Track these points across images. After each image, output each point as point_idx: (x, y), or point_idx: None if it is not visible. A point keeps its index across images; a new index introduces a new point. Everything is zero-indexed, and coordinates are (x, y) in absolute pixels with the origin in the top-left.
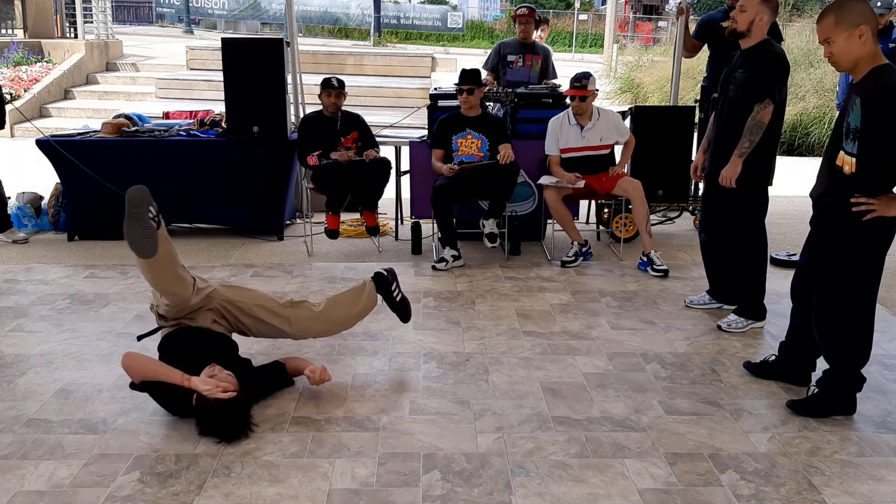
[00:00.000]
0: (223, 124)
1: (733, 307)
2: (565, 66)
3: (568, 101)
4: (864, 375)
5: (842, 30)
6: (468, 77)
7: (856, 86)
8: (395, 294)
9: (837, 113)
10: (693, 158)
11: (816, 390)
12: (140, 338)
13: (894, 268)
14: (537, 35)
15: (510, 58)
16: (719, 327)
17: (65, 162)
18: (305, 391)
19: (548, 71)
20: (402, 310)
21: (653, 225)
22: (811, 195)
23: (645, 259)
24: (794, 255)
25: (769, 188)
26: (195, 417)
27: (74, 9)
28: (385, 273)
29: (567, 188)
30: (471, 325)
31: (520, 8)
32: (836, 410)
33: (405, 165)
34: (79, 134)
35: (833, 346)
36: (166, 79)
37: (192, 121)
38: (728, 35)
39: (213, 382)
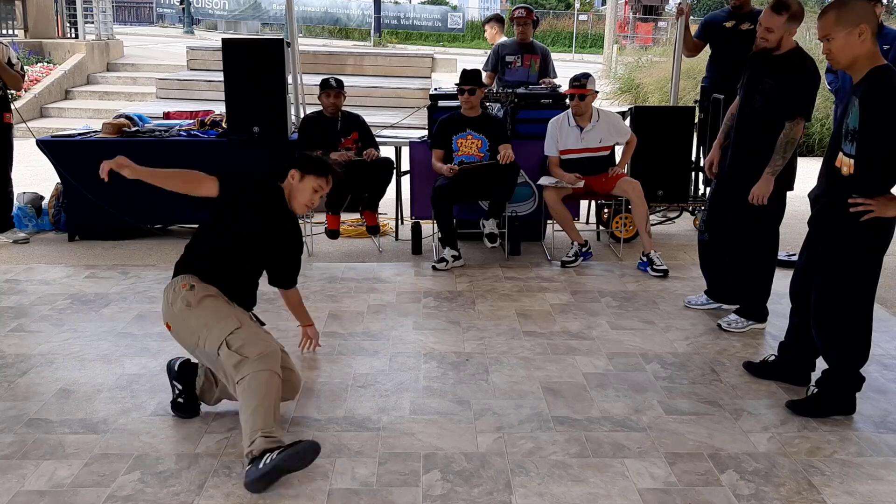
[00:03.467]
0: (223, 124)
1: (733, 307)
2: (565, 67)
3: (567, 101)
4: (863, 375)
5: (842, 27)
6: (469, 77)
7: (855, 87)
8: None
9: (834, 108)
10: (693, 158)
11: (815, 390)
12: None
13: (893, 268)
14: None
15: (508, 58)
16: (719, 326)
17: (65, 162)
18: (305, 391)
19: (547, 70)
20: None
21: (653, 225)
22: (809, 195)
23: (645, 259)
24: (794, 254)
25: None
26: None
27: (75, 9)
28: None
29: (567, 188)
30: (471, 325)
31: (517, 9)
32: (835, 410)
33: (405, 166)
34: (79, 134)
35: (833, 347)
36: (167, 79)
37: (192, 121)
38: (755, 53)
39: None
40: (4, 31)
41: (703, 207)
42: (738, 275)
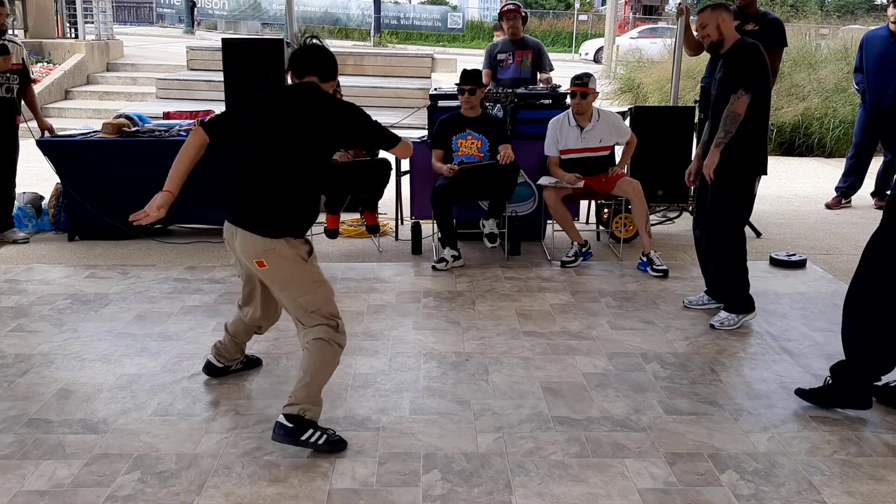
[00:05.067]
0: None
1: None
2: (565, 67)
3: (568, 100)
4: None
5: None
6: (469, 77)
7: None
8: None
9: (860, 108)
10: (693, 158)
11: (831, 380)
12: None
13: None
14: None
15: (500, 56)
16: (712, 326)
17: (65, 162)
18: None
19: (542, 64)
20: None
21: (652, 225)
22: None
23: (644, 259)
24: (794, 254)
25: (763, 177)
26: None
27: (75, 9)
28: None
29: (567, 188)
30: (471, 325)
31: (506, 5)
32: (851, 403)
33: (405, 166)
34: (80, 134)
35: (869, 346)
36: (166, 79)
37: (192, 121)
38: (709, 52)
39: None
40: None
41: (694, 206)
42: (716, 267)
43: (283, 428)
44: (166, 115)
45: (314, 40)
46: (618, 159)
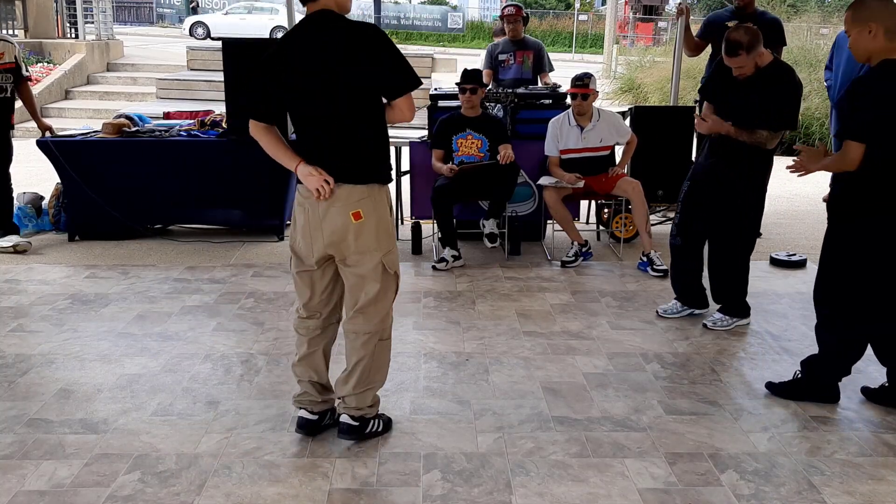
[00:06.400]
0: (223, 124)
1: (703, 309)
2: (565, 67)
3: (569, 100)
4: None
5: (856, 25)
6: (470, 77)
7: None
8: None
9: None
10: (693, 157)
11: (800, 374)
12: None
13: None
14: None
15: (501, 57)
16: (705, 325)
17: (65, 162)
18: None
19: (542, 65)
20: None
21: (653, 225)
22: None
23: (645, 259)
24: (794, 254)
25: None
26: None
27: (75, 9)
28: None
29: (567, 188)
30: (471, 325)
31: (507, 7)
32: (820, 397)
33: (405, 165)
34: (80, 134)
35: (847, 345)
36: (167, 79)
37: (192, 121)
38: (743, 79)
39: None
40: (5, 31)
41: (676, 211)
42: (720, 274)
43: (350, 426)
44: (166, 115)
45: None
46: (618, 159)
